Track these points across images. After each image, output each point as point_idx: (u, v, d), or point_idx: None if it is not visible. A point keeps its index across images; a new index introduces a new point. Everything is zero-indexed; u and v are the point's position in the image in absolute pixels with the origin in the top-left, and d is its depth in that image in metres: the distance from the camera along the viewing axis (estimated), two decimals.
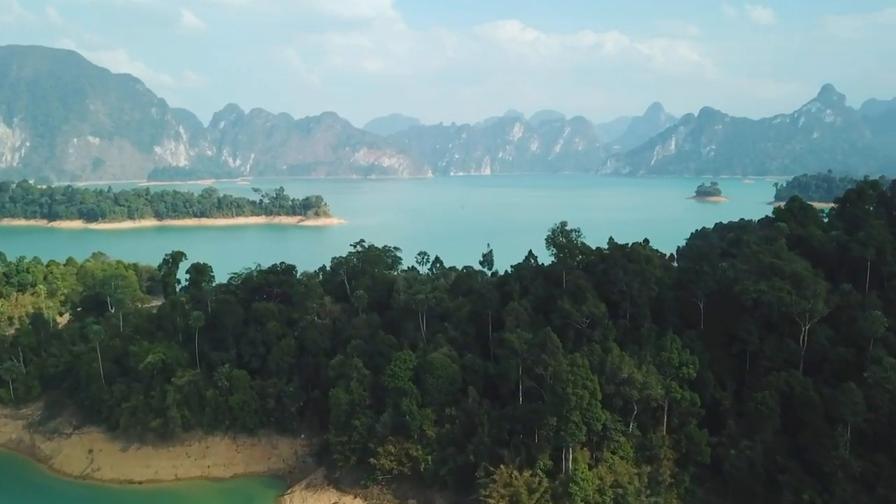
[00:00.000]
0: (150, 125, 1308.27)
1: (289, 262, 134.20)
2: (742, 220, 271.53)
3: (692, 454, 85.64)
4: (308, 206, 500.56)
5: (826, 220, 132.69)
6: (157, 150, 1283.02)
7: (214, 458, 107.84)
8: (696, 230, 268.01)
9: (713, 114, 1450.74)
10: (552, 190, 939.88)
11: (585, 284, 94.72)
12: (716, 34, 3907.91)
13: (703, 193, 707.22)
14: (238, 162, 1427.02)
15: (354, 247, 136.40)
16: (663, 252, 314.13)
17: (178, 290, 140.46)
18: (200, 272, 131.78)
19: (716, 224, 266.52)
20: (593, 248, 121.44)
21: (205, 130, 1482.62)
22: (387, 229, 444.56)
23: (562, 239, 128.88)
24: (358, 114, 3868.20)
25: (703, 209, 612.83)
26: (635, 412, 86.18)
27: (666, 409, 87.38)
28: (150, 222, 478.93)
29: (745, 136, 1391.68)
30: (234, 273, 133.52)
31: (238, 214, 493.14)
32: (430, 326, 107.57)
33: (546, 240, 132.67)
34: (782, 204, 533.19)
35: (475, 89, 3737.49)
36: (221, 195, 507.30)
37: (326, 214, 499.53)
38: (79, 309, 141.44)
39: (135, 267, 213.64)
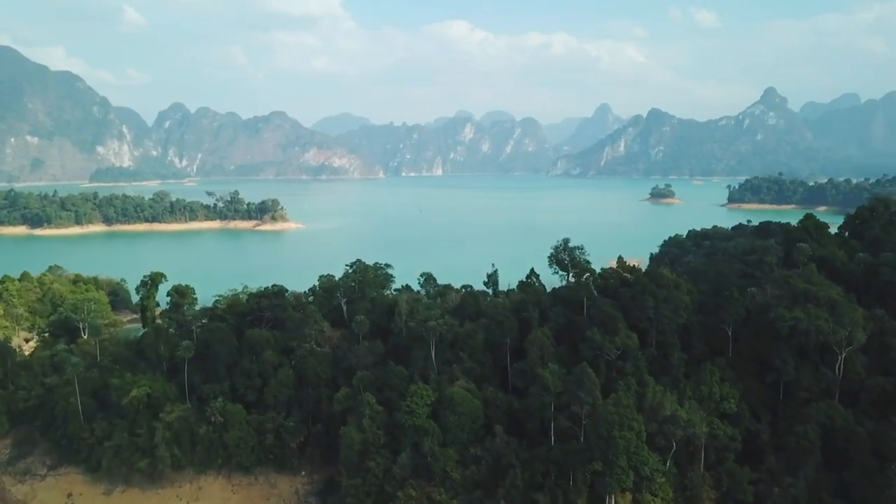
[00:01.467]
0: (92, 124, 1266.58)
1: (253, 270, 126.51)
2: (715, 227, 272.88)
3: (733, 492, 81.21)
4: (264, 210, 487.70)
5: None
6: (100, 150, 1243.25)
7: (208, 499, 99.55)
8: (670, 237, 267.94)
9: (661, 115, 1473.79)
10: (507, 192, 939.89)
11: (615, 313, 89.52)
12: (661, 36, 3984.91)
13: (657, 195, 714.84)
14: (184, 162, 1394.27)
15: (350, 267, 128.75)
16: (638, 258, 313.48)
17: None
18: (182, 295, 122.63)
19: (689, 232, 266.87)
20: (593, 265, 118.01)
21: (149, 130, 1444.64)
22: (347, 234, 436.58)
23: (565, 257, 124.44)
24: (306, 113, 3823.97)
25: (659, 211, 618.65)
26: (673, 450, 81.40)
27: (703, 444, 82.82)
28: (98, 228, 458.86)
29: (691, 138, 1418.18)
30: (219, 295, 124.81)
31: (191, 219, 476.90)
32: (440, 354, 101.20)
33: (549, 258, 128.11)
34: (736, 206, 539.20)
35: (425, 89, 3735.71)
36: (174, 199, 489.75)
37: (283, 219, 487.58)
38: (46, 334, 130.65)
39: (95, 281, 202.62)
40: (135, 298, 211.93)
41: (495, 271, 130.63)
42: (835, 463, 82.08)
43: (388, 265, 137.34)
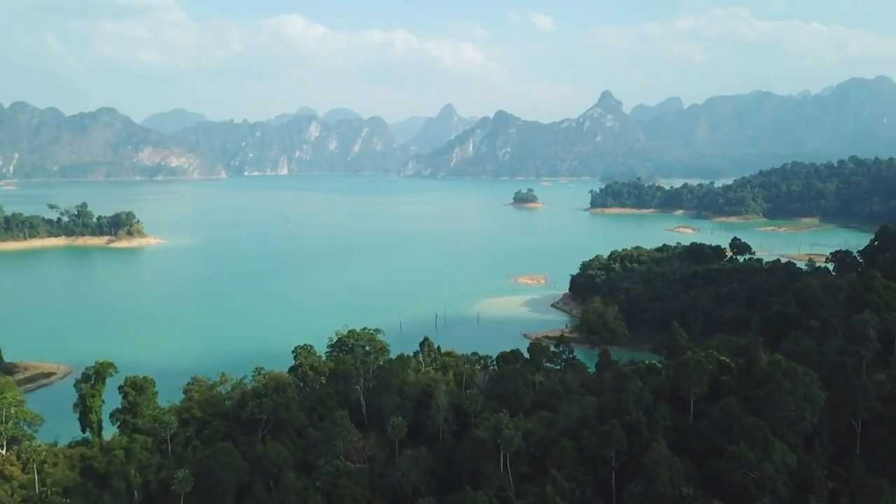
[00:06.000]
0: None
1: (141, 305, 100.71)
2: (637, 247, 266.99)
3: None
4: (118, 225, 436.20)
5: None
6: None
7: None
8: (589, 259, 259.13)
9: (507, 117, 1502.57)
10: (366, 195, 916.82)
11: (759, 423, 74.64)
12: (502, 38, 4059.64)
13: (520, 200, 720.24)
14: None
15: (340, 336, 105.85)
16: (542, 275, 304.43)
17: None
18: (140, 390, 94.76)
19: (611, 252, 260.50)
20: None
21: None
22: (217, 251, 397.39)
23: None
24: (135, 109, 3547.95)
25: (527, 217, 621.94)
26: None
27: None
28: None
29: (536, 140, 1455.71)
30: (187, 387, 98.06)
31: (32, 236, 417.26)
32: (512, 465, 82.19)
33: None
34: (599, 210, 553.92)
35: (264, 85, 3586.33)
36: (9, 213, 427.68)
37: (140, 233, 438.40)
38: None
39: None
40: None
41: (526, 344, 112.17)
42: None
43: (377, 330, 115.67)
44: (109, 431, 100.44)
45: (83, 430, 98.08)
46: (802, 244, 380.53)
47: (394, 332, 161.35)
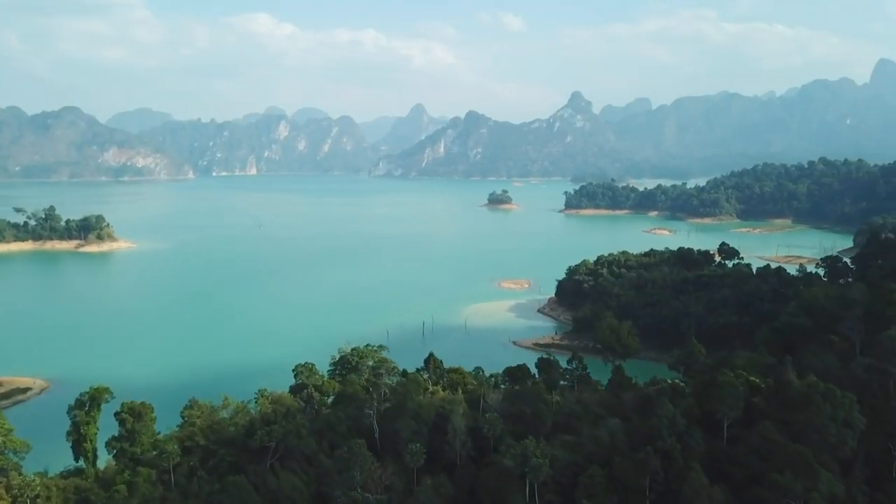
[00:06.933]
0: None
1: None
2: (624, 252, 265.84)
3: None
4: (87, 228, 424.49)
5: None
6: None
7: None
8: (576, 265, 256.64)
9: (478, 117, 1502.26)
10: (339, 195, 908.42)
11: (803, 449, 71.87)
12: (472, 38, 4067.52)
13: (494, 201, 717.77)
14: None
15: (342, 364, 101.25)
16: (525, 279, 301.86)
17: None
18: (138, 416, 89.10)
19: (598, 257, 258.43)
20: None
21: None
22: (189, 256, 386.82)
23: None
24: (100, 108, 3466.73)
25: (503, 219, 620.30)
26: None
27: None
28: None
29: (507, 140, 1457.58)
30: (186, 408, 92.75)
31: None
32: (539, 494, 78.57)
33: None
34: (574, 212, 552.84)
35: (232, 84, 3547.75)
36: None
37: (111, 237, 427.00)
38: None
39: None
40: None
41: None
42: None
43: (381, 347, 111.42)
44: (102, 458, 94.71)
45: (76, 459, 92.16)
46: (780, 246, 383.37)
47: (381, 340, 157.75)
